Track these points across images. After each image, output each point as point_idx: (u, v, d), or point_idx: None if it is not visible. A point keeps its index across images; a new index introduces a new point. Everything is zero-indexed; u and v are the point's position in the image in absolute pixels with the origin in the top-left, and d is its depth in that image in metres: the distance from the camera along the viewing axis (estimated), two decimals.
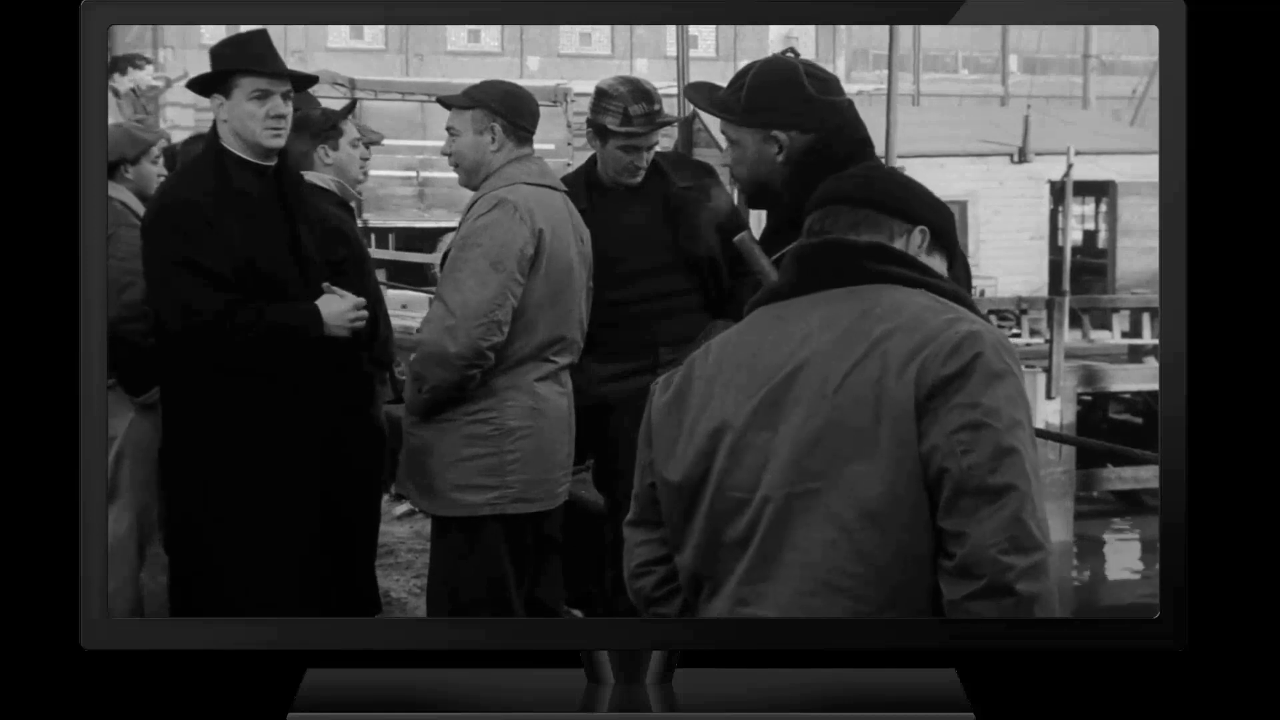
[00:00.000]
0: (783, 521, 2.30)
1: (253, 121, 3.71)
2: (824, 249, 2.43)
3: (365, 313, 3.83)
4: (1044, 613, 2.22)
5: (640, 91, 4.18)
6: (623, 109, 4.16)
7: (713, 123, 3.34)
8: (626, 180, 4.21)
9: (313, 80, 3.92)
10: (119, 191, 4.23)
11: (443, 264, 3.92)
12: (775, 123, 3.03)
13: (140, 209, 4.22)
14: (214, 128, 3.78)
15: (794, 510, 2.30)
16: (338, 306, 3.79)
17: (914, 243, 2.46)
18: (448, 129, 3.97)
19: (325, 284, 3.80)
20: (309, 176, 4.14)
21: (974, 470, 2.22)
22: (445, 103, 3.97)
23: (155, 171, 4.37)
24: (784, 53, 3.16)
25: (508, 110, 3.92)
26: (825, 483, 2.28)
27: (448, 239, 3.98)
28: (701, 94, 3.22)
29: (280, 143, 3.76)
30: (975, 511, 2.21)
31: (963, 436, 2.22)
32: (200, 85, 3.77)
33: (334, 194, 4.22)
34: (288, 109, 3.75)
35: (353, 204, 4.33)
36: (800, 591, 2.30)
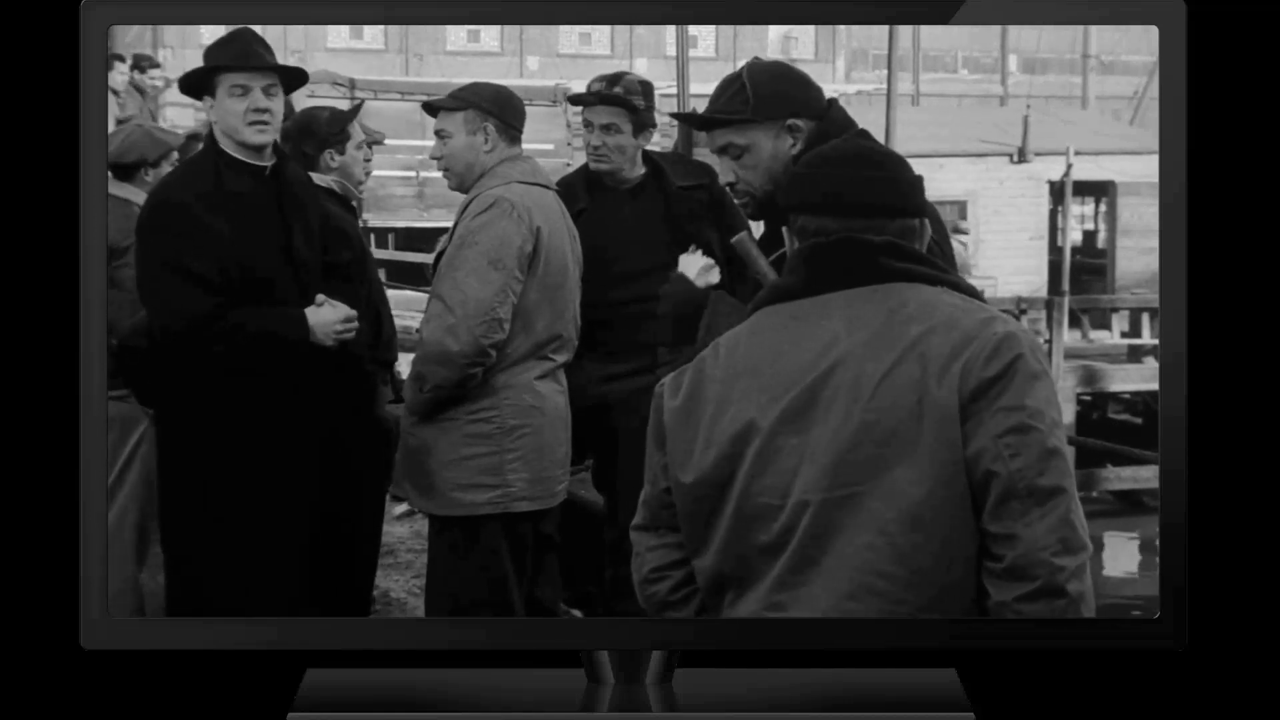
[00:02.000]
0: (822, 526, 2.29)
1: (235, 118, 3.70)
2: (838, 247, 2.39)
3: (355, 325, 3.81)
4: (1087, 612, 2.24)
5: (612, 76, 4.22)
6: (588, 86, 4.22)
7: None
8: (594, 165, 4.23)
9: (302, 76, 3.89)
10: (138, 195, 4.21)
11: (435, 264, 3.92)
12: (789, 110, 2.97)
13: None
14: (210, 129, 3.78)
15: (834, 515, 2.28)
16: (327, 316, 3.77)
17: (918, 240, 2.44)
18: (437, 132, 3.95)
19: (319, 295, 3.79)
20: (312, 177, 4.13)
21: (1023, 473, 2.22)
22: (433, 106, 3.96)
23: None
24: (752, 60, 3.13)
25: (499, 110, 3.92)
26: (866, 487, 2.27)
27: (442, 239, 3.97)
28: (692, 119, 3.20)
29: (266, 138, 3.73)
30: (1025, 514, 2.22)
31: (1010, 440, 2.23)
32: (190, 88, 3.77)
33: (335, 193, 4.21)
34: (271, 103, 3.71)
35: (355, 204, 4.32)
36: (839, 595, 2.30)
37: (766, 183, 2.99)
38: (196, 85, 3.75)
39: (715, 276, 3.62)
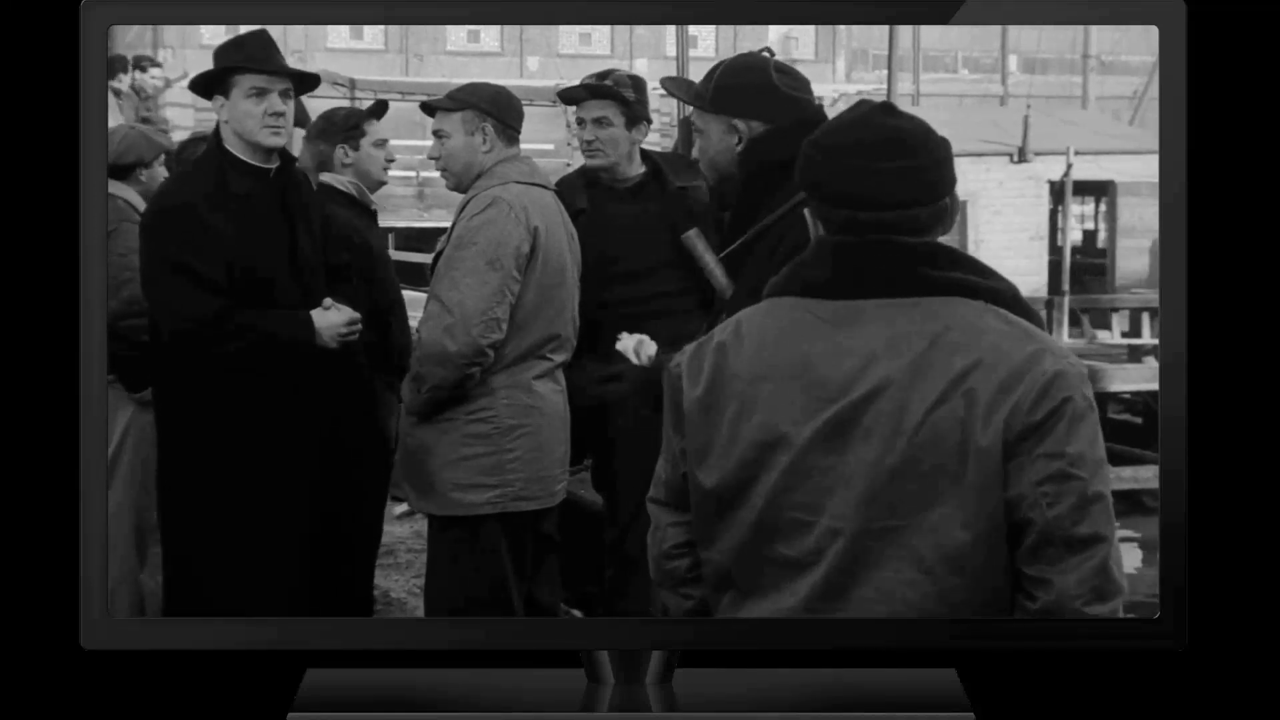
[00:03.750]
0: (858, 556, 2.25)
1: (250, 120, 3.71)
2: (873, 252, 2.29)
3: (359, 328, 3.82)
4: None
5: (601, 73, 4.22)
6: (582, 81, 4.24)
7: None
8: (589, 161, 4.22)
9: (315, 80, 3.91)
10: (125, 191, 4.23)
11: (434, 264, 3.92)
12: (738, 111, 3.10)
13: (143, 207, 4.22)
14: (217, 130, 3.78)
15: (871, 547, 2.25)
16: (332, 319, 3.79)
17: (949, 217, 2.33)
18: (435, 133, 3.95)
19: (326, 299, 3.80)
20: (327, 178, 4.14)
21: (1059, 521, 2.19)
22: (431, 107, 3.96)
23: (162, 174, 4.37)
24: (759, 51, 3.24)
25: (498, 110, 3.92)
26: (905, 522, 2.23)
27: (440, 240, 3.98)
28: (679, 86, 3.32)
29: (280, 141, 3.75)
30: (1060, 561, 2.20)
31: (1048, 488, 2.19)
32: (201, 86, 3.77)
33: (351, 196, 4.22)
34: (286, 107, 3.74)
35: (373, 208, 4.32)
36: None
37: (710, 170, 3.17)
38: (209, 84, 3.74)
39: (650, 349, 3.68)
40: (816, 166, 2.32)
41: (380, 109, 4.35)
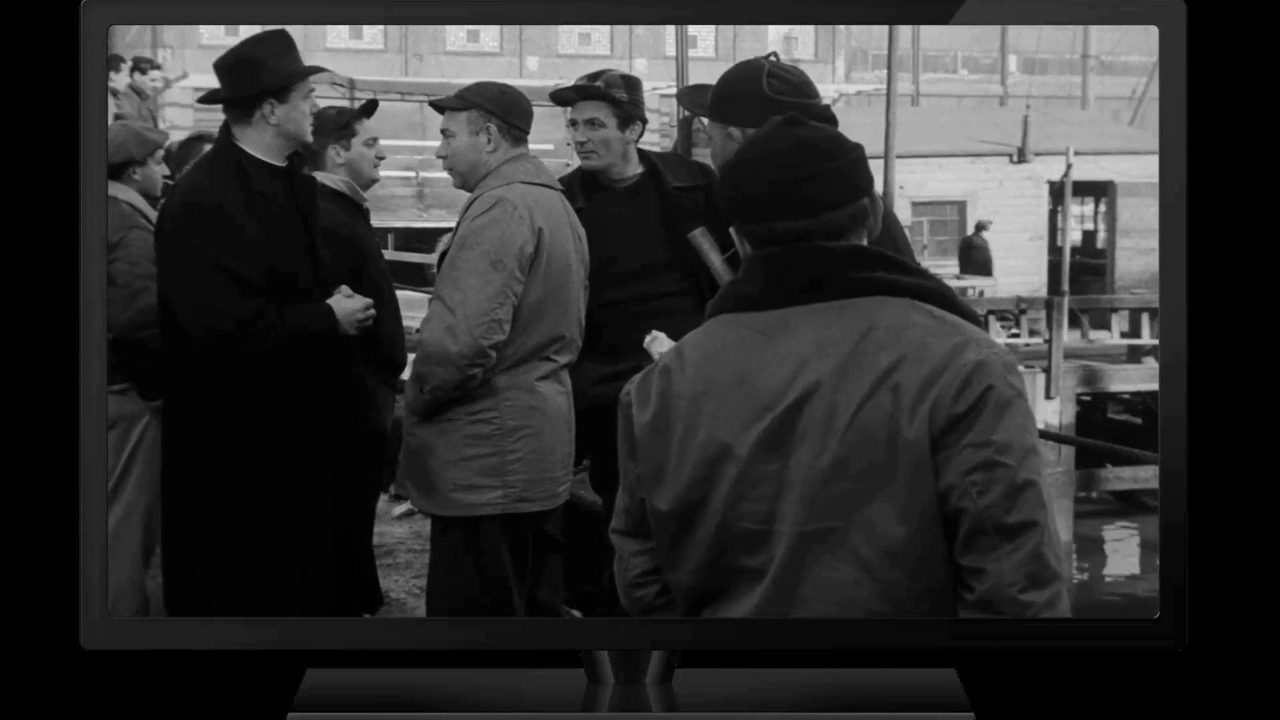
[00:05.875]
0: (799, 559, 2.27)
1: (305, 120, 3.78)
2: (797, 258, 2.31)
3: (373, 313, 3.86)
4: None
5: (593, 74, 4.23)
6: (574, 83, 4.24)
7: None
8: (584, 163, 4.22)
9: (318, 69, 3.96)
10: (127, 193, 4.21)
11: (439, 264, 3.92)
12: (732, 119, 3.29)
13: (149, 211, 4.20)
14: (226, 130, 3.75)
15: (811, 548, 2.26)
16: (350, 306, 3.82)
17: (871, 216, 2.35)
18: (442, 131, 3.96)
19: (343, 287, 3.81)
20: (320, 177, 4.14)
21: (990, 510, 2.19)
22: (438, 105, 3.97)
23: (160, 173, 4.35)
24: (766, 56, 3.32)
25: (502, 110, 3.92)
26: (844, 521, 2.24)
27: (445, 239, 3.98)
28: (693, 99, 3.46)
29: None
30: (993, 550, 2.20)
31: (977, 477, 2.19)
32: (263, 93, 3.74)
33: (344, 195, 4.22)
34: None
35: (365, 206, 4.33)
36: None
37: (717, 173, 3.38)
38: (269, 90, 3.74)
39: (662, 345, 3.70)
40: (728, 184, 2.37)
41: (370, 108, 4.36)
